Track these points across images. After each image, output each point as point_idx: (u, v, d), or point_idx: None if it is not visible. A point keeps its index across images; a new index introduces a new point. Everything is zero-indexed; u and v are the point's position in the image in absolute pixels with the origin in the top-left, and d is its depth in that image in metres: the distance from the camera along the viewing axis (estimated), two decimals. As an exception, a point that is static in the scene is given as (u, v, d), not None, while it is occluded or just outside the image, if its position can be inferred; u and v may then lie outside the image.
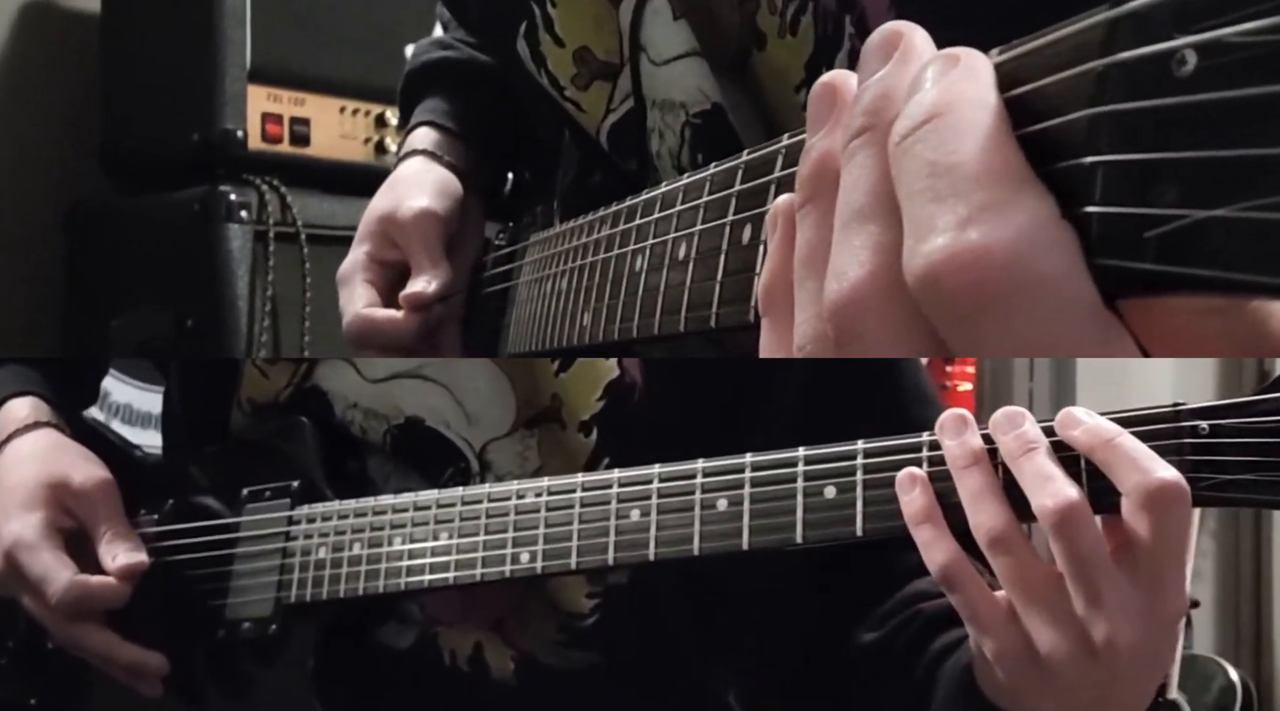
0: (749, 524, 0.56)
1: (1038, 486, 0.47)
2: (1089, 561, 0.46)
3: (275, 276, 1.56)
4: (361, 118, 1.75)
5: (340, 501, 0.71)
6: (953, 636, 0.60)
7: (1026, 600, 0.48)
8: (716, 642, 0.72)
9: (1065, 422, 0.48)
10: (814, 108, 0.35)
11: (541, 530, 0.62)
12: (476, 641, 0.74)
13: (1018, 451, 0.48)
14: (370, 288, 0.84)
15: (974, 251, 0.27)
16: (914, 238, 0.29)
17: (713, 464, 0.58)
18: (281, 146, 1.66)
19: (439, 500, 0.66)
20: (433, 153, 0.88)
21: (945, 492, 0.51)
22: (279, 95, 1.66)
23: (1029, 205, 0.28)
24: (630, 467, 0.60)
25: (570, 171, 0.82)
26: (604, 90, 0.73)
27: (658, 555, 0.59)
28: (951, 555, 0.49)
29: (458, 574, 0.64)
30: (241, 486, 0.75)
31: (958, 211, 0.28)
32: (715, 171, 0.50)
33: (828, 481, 0.55)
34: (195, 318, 1.54)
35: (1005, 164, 0.28)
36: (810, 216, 0.34)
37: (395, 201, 0.84)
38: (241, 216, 1.54)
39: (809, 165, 0.34)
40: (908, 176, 0.29)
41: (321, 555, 0.69)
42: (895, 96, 0.31)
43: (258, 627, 0.70)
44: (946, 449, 0.51)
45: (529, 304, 0.75)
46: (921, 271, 0.28)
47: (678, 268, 0.52)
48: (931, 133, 0.29)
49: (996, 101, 0.29)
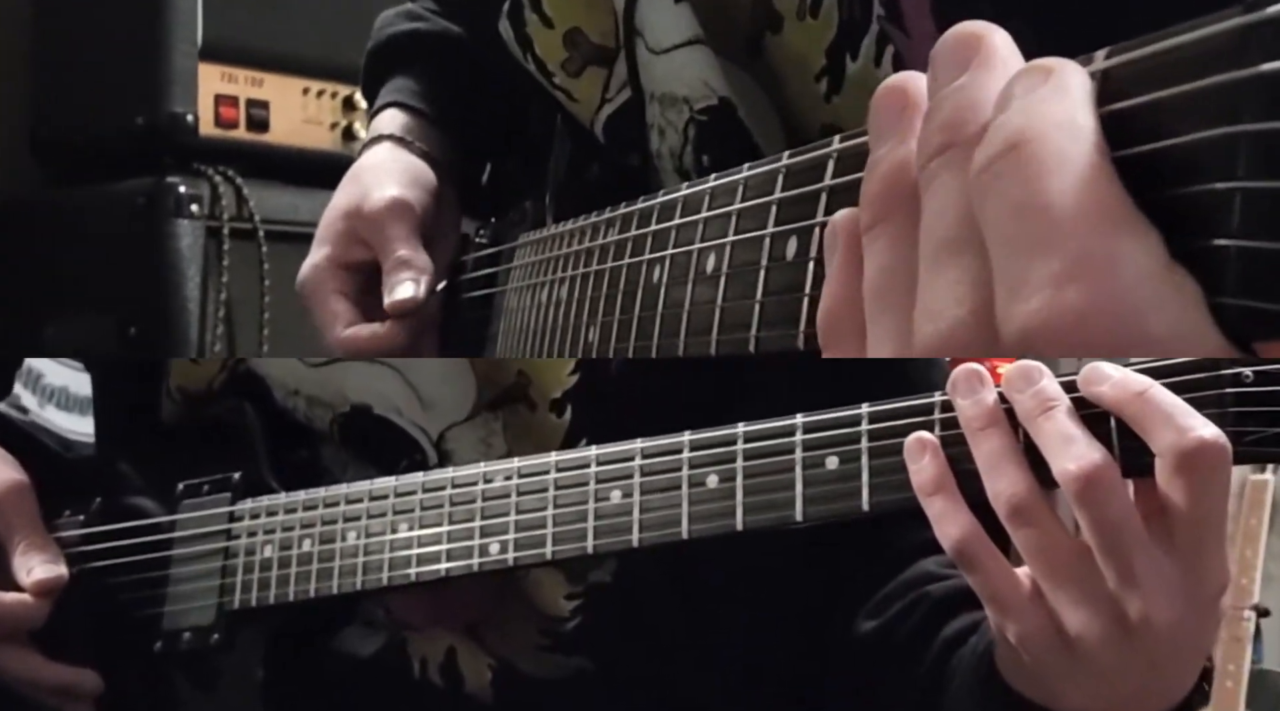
0: (743, 501, 0.53)
1: (1058, 449, 0.44)
2: (1119, 531, 0.44)
3: (230, 278, 1.49)
4: (327, 100, 1.67)
5: (286, 494, 0.67)
6: (965, 621, 0.58)
7: (1052, 576, 0.45)
8: (706, 638, 0.69)
9: (1090, 378, 0.46)
10: (881, 114, 0.33)
11: (512, 517, 0.59)
12: (449, 647, 0.70)
13: (1035, 410, 0.46)
14: (344, 301, 0.78)
15: (1073, 315, 0.25)
16: (1005, 290, 0.27)
17: (701, 436, 0.55)
18: (237, 132, 1.58)
19: (396, 488, 0.63)
20: (401, 138, 0.82)
21: (959, 458, 0.48)
22: (234, 74, 1.58)
23: (1134, 253, 0.26)
24: (608, 444, 0.58)
25: (563, 163, 0.78)
26: (598, 77, 0.69)
27: (642, 540, 0.56)
28: (967, 529, 0.47)
29: (420, 569, 0.61)
30: (176, 480, 0.71)
31: (1051, 266, 0.26)
32: (749, 175, 0.48)
33: (829, 451, 0.52)
34: (139, 324, 1.47)
35: (1102, 203, 0.26)
36: (882, 240, 0.32)
37: (360, 194, 0.78)
38: (192, 211, 1.48)
39: (878, 181, 0.32)
40: (992, 216, 0.27)
41: (267, 554, 0.66)
42: (978, 109, 0.29)
43: (199, 637, 0.66)
44: (959, 409, 0.48)
45: (521, 313, 0.71)
46: (1016, 335, 0.27)
47: (705, 283, 0.49)
48: (1015, 166, 0.27)
49: (1091, 125, 0.27)
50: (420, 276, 0.75)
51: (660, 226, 0.54)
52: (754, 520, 0.53)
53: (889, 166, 0.32)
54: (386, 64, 0.87)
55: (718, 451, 0.55)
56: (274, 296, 1.53)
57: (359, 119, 1.68)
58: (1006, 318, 0.27)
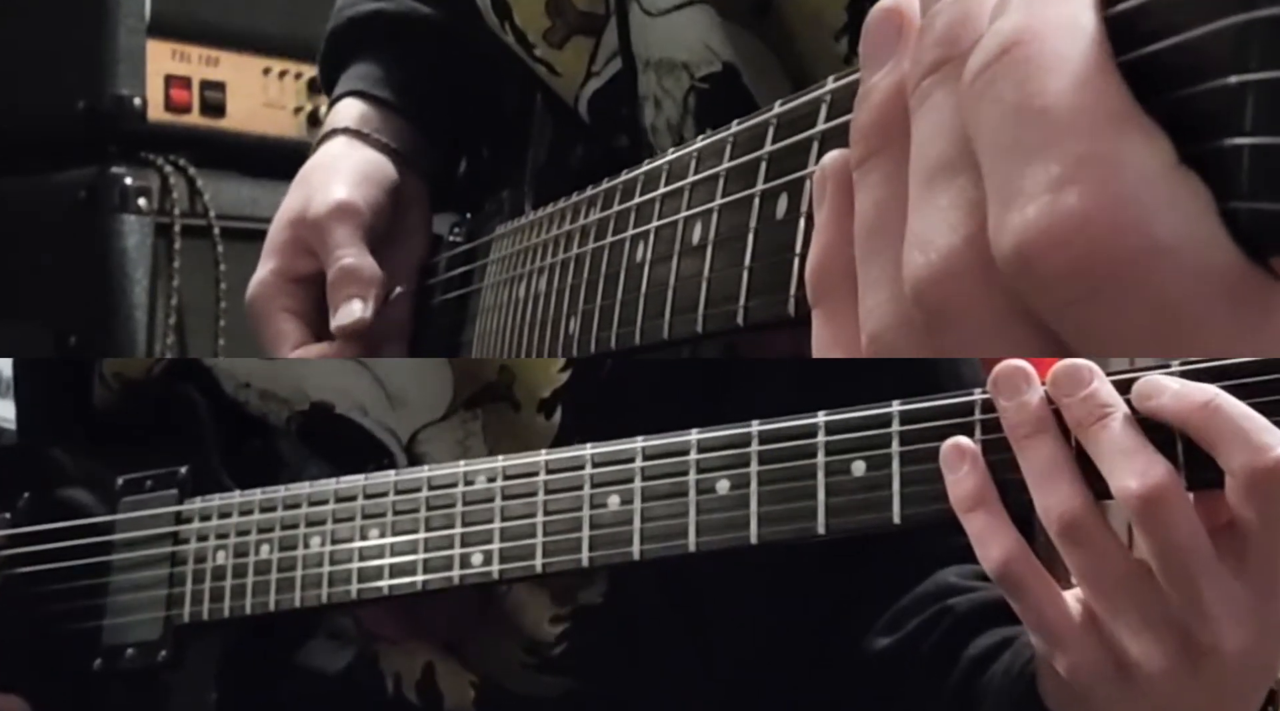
0: (758, 511, 0.50)
1: (1117, 463, 0.42)
2: (1186, 553, 0.41)
3: (182, 281, 1.42)
4: (290, 82, 1.58)
5: (241, 493, 0.63)
6: (994, 637, 0.55)
7: (1110, 601, 0.43)
8: (705, 659, 0.67)
9: (1145, 392, 0.43)
10: (873, 39, 0.32)
11: (497, 524, 0.55)
12: (427, 663, 0.67)
13: (1088, 418, 0.43)
14: (292, 319, 0.75)
15: (1072, 220, 0.24)
16: (998, 205, 0.26)
17: (711, 435, 0.52)
18: (190, 117, 1.50)
19: (366, 488, 0.60)
20: (357, 131, 0.78)
21: (1002, 466, 0.45)
22: (187, 53, 1.50)
23: (1138, 153, 0.25)
24: (606, 442, 0.54)
25: (544, 146, 0.75)
26: (584, 48, 0.66)
27: (644, 552, 0.52)
28: (1012, 549, 0.44)
29: (394, 582, 0.57)
30: (114, 474, 0.67)
31: (1049, 169, 0.25)
32: (738, 130, 0.46)
33: (856, 455, 0.49)
34: (80, 333, 1.40)
35: (1104, 102, 0.25)
36: (875, 173, 0.31)
37: (305, 198, 0.75)
38: (139, 205, 1.41)
39: (870, 109, 0.31)
40: (986, 124, 0.26)
41: (220, 561, 0.62)
42: (975, 20, 0.28)
43: (144, 654, 0.63)
44: (1003, 412, 0.45)
45: (496, 313, 0.68)
46: (1011, 250, 0.25)
47: (692, 255, 0.47)
48: (1012, 67, 0.26)
49: (1094, 23, 0.26)
50: (368, 290, 0.72)
51: (644, 198, 0.52)
52: (770, 532, 0.50)
53: (882, 93, 0.31)
54: (346, 48, 0.84)
55: (729, 453, 0.51)
56: (231, 301, 1.45)
57: (325, 102, 1.61)
58: (1000, 231, 0.26)
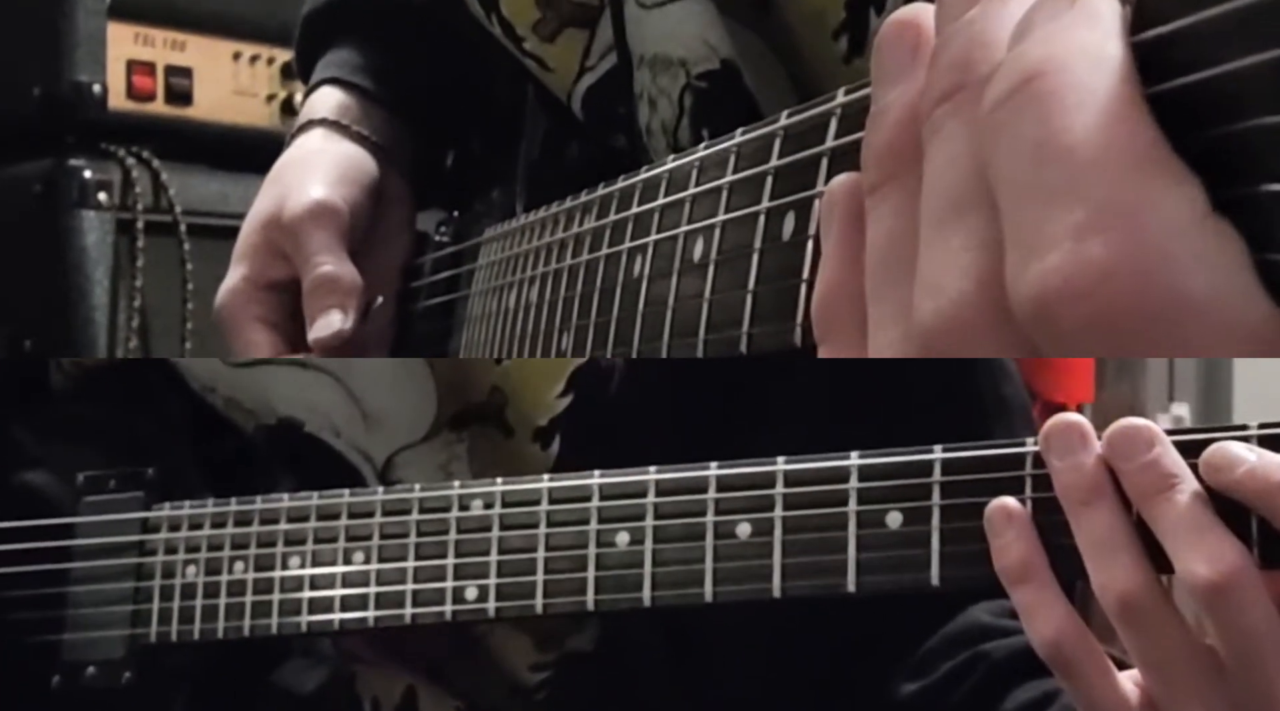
0: (781, 562, 0.47)
1: (1184, 544, 0.39)
2: (1258, 639, 0.38)
3: (145, 281, 1.36)
4: (262, 67, 1.50)
5: (214, 502, 0.59)
6: (1032, 692, 0.53)
7: (1172, 690, 0.40)
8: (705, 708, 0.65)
9: (1216, 463, 0.39)
10: (886, 55, 0.30)
11: (494, 557, 0.52)
12: (408, 687, 0.65)
13: (1150, 489, 0.40)
14: (263, 330, 0.71)
15: (1096, 271, 0.24)
16: (1017, 250, 0.25)
17: (731, 471, 0.48)
18: (154, 106, 1.43)
19: (350, 507, 0.56)
20: (335, 122, 0.74)
21: (1054, 529, 0.42)
22: (150, 36, 1.42)
23: (1167, 200, 0.24)
24: (615, 471, 0.51)
25: (536, 144, 0.72)
26: (577, 42, 0.64)
27: (655, 599, 0.49)
28: (1064, 627, 0.41)
29: (379, 613, 0.54)
30: (74, 470, 0.63)
31: (1073, 215, 0.24)
32: (742, 140, 0.44)
33: (891, 506, 0.45)
34: (36, 336, 1.34)
35: (1133, 143, 0.24)
36: (889, 202, 0.30)
37: (279, 198, 0.71)
38: (100, 199, 1.34)
39: (884, 131, 0.30)
40: (1004, 162, 0.25)
41: (190, 577, 0.58)
42: (993, 46, 0.27)
43: (106, 674, 0.60)
44: (1055, 474, 0.41)
45: (485, 323, 0.65)
46: (1029, 299, 0.24)
47: (693, 273, 0.46)
48: (1033, 100, 0.25)
49: (1120, 53, 0.25)
50: (347, 300, 0.69)
51: (642, 208, 0.51)
52: (796, 586, 0.46)
53: (898, 115, 0.30)
54: (324, 32, 0.79)
55: (752, 495, 0.48)
56: (197, 303, 1.38)
57: (300, 90, 1.53)
58: (1017, 279, 0.25)
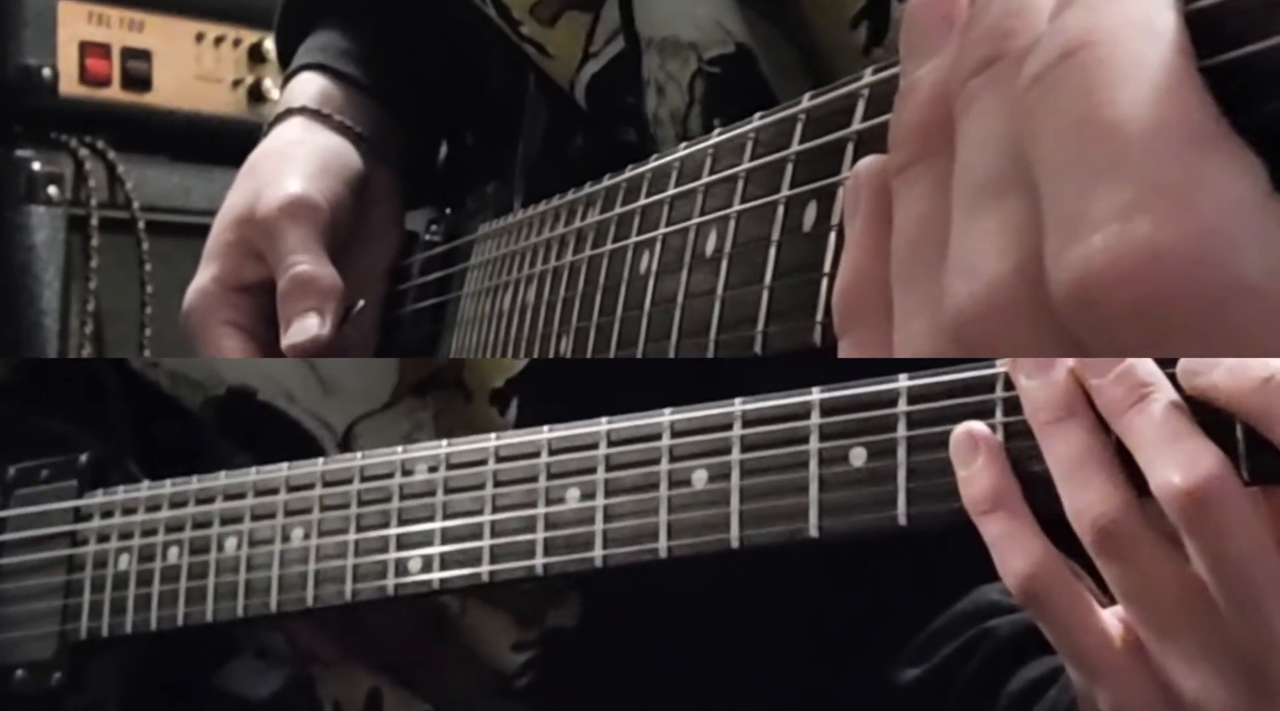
0: (739, 509, 0.46)
1: (1158, 453, 0.38)
2: (1244, 564, 0.37)
3: (100, 281, 1.32)
4: (228, 49, 1.46)
5: (148, 485, 0.59)
6: (1040, 668, 0.53)
7: (1158, 626, 0.39)
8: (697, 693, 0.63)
9: (1192, 367, 0.39)
10: (917, 27, 0.31)
11: (438, 523, 0.52)
12: (372, 689, 0.64)
13: (1124, 402, 0.39)
14: (235, 334, 0.70)
15: (1144, 253, 0.23)
16: (1057, 232, 0.24)
17: (685, 416, 0.48)
18: (109, 91, 1.38)
19: (289, 480, 0.56)
20: (316, 111, 0.73)
21: (1025, 456, 0.41)
22: (105, 15, 1.38)
23: (1223, 177, 0.23)
24: (565, 424, 0.51)
25: (536, 137, 0.71)
26: (580, 25, 0.62)
27: (607, 558, 0.48)
28: (1037, 560, 0.40)
29: (318, 592, 0.53)
30: (6, 462, 0.63)
31: (1119, 193, 0.23)
32: (760, 124, 0.44)
33: (855, 441, 0.45)
34: None
35: (1186, 116, 0.23)
36: (919, 183, 0.30)
37: (253, 193, 0.70)
38: (50, 194, 1.31)
39: (914, 108, 0.30)
40: (1044, 139, 0.25)
41: (123, 566, 0.58)
42: (1032, 12, 0.27)
43: (36, 676, 0.60)
44: (1023, 393, 0.41)
45: (476, 327, 0.65)
46: (1069, 284, 0.24)
47: (704, 268, 0.46)
48: (1077, 72, 0.24)
49: (1173, 23, 0.24)
50: (325, 303, 0.67)
51: (650, 200, 0.50)
52: (755, 534, 0.46)
53: (929, 90, 0.29)
54: (305, 14, 0.78)
55: (707, 438, 0.47)
56: (157, 306, 1.35)
57: (270, 74, 1.51)
58: (1057, 262, 0.24)
